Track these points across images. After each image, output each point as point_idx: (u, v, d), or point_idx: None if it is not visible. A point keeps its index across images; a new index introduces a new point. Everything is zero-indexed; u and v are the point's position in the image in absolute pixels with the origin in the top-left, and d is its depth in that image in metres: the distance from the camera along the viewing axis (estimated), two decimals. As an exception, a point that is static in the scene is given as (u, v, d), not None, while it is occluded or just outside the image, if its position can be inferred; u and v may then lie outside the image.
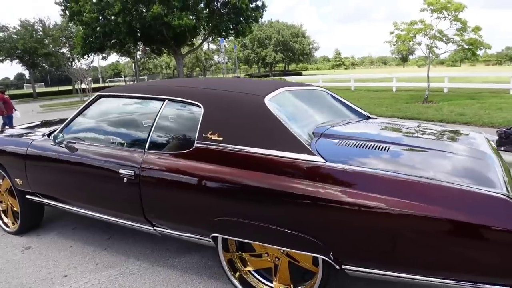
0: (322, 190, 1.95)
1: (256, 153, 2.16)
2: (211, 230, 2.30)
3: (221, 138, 2.27)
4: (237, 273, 2.43)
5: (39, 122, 4.53)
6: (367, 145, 2.33)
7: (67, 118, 3.23)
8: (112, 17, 20.57)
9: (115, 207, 2.73)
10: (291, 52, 69.38)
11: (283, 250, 2.24)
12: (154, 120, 2.58)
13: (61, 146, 2.91)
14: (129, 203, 2.59)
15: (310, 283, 2.24)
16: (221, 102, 2.43)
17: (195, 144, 2.33)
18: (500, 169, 2.15)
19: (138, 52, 36.34)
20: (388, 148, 2.29)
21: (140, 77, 47.57)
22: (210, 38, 29.77)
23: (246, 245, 2.41)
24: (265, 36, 67.76)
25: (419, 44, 12.22)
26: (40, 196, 3.24)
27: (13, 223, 3.69)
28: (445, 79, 15.36)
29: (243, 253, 2.42)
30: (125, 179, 2.51)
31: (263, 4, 27.26)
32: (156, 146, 2.55)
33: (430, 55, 12.11)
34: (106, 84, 53.48)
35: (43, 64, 37.58)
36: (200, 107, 2.41)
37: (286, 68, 75.30)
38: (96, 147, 2.82)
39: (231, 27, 25.79)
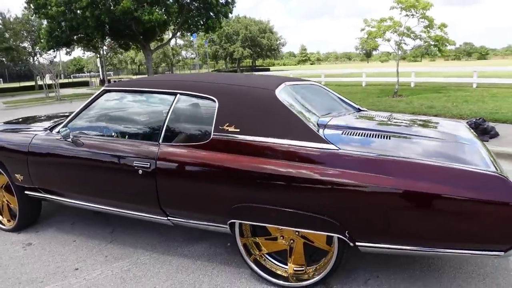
0: (337, 174, 2.13)
1: (273, 142, 2.31)
2: (229, 217, 2.43)
3: (238, 130, 2.39)
4: (252, 257, 2.57)
5: (25, 118, 4.45)
6: (369, 134, 2.56)
7: (62, 113, 3.24)
8: (79, 11, 19.88)
9: (128, 199, 2.79)
10: (259, 48, 69.77)
11: (298, 232, 2.41)
12: (167, 114, 2.66)
13: (67, 140, 2.91)
14: (143, 195, 2.66)
15: (323, 261, 2.42)
16: (235, 96, 2.55)
17: (212, 136, 2.44)
18: (485, 151, 2.45)
19: (104, 47, 35.28)
20: (389, 137, 2.53)
21: (106, 73, 46.25)
22: (179, 33, 29.36)
23: (260, 230, 2.55)
24: (233, 32, 67.64)
25: (388, 40, 12.72)
26: (42, 192, 3.22)
27: (8, 221, 3.63)
28: (412, 74, 16.07)
29: (257, 238, 2.56)
30: (140, 171, 2.58)
31: (232, -1, 27.29)
32: (170, 138, 2.63)
33: (399, 52, 12.63)
34: (70, 80, 51.56)
35: (3, 59, 35.72)
36: (214, 101, 2.51)
37: (254, 64, 75.64)
38: (106, 140, 2.86)
39: (201, 22, 25.62)
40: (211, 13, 25.64)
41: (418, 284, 2.50)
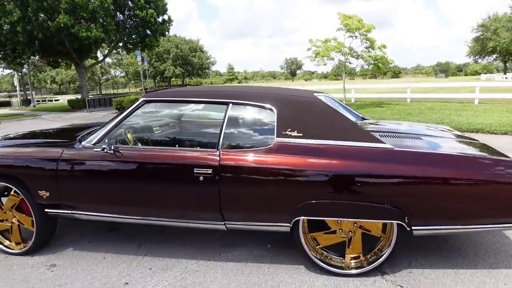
0: (397, 168, 2.47)
1: (335, 144, 2.58)
2: (294, 215, 2.61)
3: (301, 134, 2.62)
4: (312, 251, 2.76)
5: (24, 133, 4.18)
6: (401, 135, 2.97)
7: (90, 125, 3.16)
8: (7, 26, 18.38)
9: (184, 207, 2.81)
10: (190, 66, 69.81)
11: (356, 224, 2.67)
12: (223, 122, 2.78)
13: (108, 152, 2.86)
14: (204, 201, 2.72)
15: (378, 248, 2.71)
16: (291, 104, 2.79)
17: (275, 141, 2.63)
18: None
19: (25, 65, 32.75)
20: (420, 137, 2.96)
21: (27, 92, 42.63)
22: (114, 51, 28.45)
23: (316, 226, 2.77)
24: (164, 50, 66.95)
25: (332, 59, 13.75)
26: (71, 208, 3.08)
27: (17, 243, 3.35)
28: (352, 90, 17.43)
29: (315, 233, 2.77)
30: (201, 177, 2.66)
31: (169, 18, 27.32)
32: (228, 145, 2.75)
33: (343, 70, 13.70)
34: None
35: None
36: (272, 109, 2.72)
37: (183, 82, 75.19)
38: (157, 150, 2.87)
39: (139, 40, 25.18)
40: (148, 31, 25.42)
41: (451, 262, 2.89)
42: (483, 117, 9.96)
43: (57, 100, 40.87)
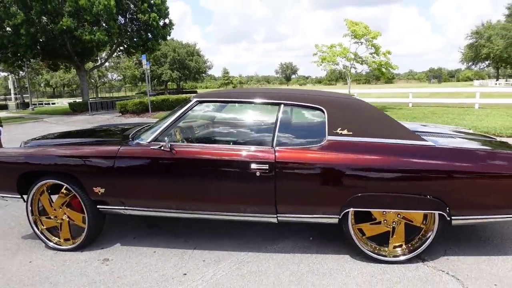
0: (441, 163, 2.71)
1: (383, 142, 2.80)
2: (344, 207, 2.81)
3: (351, 133, 2.83)
4: (356, 240, 2.97)
5: (65, 133, 4.33)
6: (438, 135, 3.20)
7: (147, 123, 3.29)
8: (9, 29, 18.42)
9: (240, 201, 2.99)
10: (187, 70, 69.94)
11: (400, 214, 2.88)
12: (276, 122, 2.98)
13: (165, 150, 3.02)
14: (260, 195, 2.90)
15: (418, 237, 2.94)
16: (340, 105, 3.01)
17: (327, 139, 2.84)
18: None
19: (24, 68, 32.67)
20: (452, 136, 3.21)
21: (21, 95, 42.47)
22: (115, 54, 28.56)
23: (361, 218, 2.97)
24: (161, 54, 67.04)
25: (337, 64, 14.04)
26: (123, 204, 3.22)
27: (66, 240, 3.47)
28: (355, 94, 17.73)
29: (361, 224, 2.97)
30: (258, 173, 2.85)
31: (170, 22, 27.52)
32: (282, 143, 2.95)
33: (348, 75, 14.00)
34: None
35: None
36: (322, 110, 2.93)
37: (179, 86, 75.23)
38: (213, 148, 3.05)
39: (141, 44, 25.34)
40: (150, 35, 25.58)
41: (482, 250, 3.14)
42: (487, 121, 10.29)
43: (54, 103, 40.74)
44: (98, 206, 3.29)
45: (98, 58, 27.72)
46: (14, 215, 4.39)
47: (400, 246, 2.96)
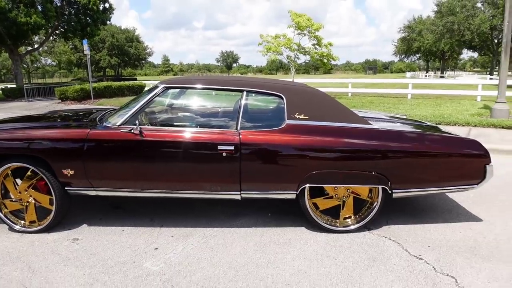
0: (383, 143, 3.17)
1: (336, 126, 3.21)
2: (300, 184, 3.19)
3: (307, 117, 3.21)
4: (312, 213, 3.37)
5: (28, 116, 4.26)
6: (380, 120, 3.69)
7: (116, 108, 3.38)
8: None
9: (207, 180, 3.24)
10: (127, 57, 67.26)
11: (349, 189, 3.32)
12: (239, 107, 3.27)
13: (134, 132, 3.17)
14: (226, 174, 3.18)
15: (365, 209, 3.40)
16: (296, 92, 3.36)
17: (286, 122, 3.19)
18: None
19: None
20: (393, 121, 3.71)
21: None
22: (51, 38, 26.79)
23: (316, 193, 3.38)
24: (99, 39, 63.64)
25: (281, 54, 14.54)
26: (92, 185, 3.33)
27: (32, 222, 3.49)
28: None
29: (316, 199, 3.37)
30: (224, 153, 3.13)
31: (110, 6, 26.39)
32: (246, 126, 3.24)
33: (292, 65, 14.57)
34: None
35: None
36: (281, 97, 3.27)
37: (118, 73, 72.15)
38: (182, 131, 3.27)
39: (80, 28, 24.05)
40: (89, 20, 24.39)
41: (418, 219, 3.71)
42: (418, 110, 11.38)
43: (-20, 89, 37.20)
44: (66, 188, 3.36)
45: (33, 42, 25.81)
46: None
47: (350, 217, 3.41)
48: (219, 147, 3.13)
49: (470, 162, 3.29)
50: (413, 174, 3.24)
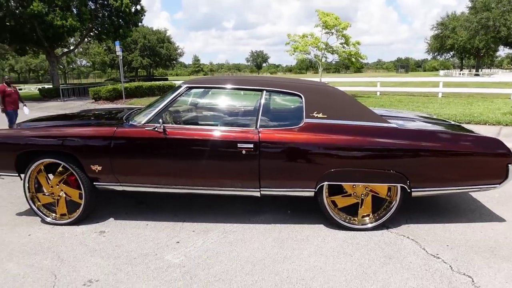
0: (402, 142, 3.15)
1: (354, 124, 3.21)
2: (319, 181, 3.22)
3: (326, 116, 3.23)
4: (331, 211, 3.40)
5: (62, 115, 4.52)
6: (400, 119, 3.65)
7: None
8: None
9: (228, 177, 3.33)
10: (158, 57, 68.87)
11: (367, 187, 3.32)
12: (259, 106, 3.34)
13: (158, 131, 3.30)
14: (245, 171, 3.27)
15: (383, 207, 3.39)
16: (315, 92, 3.39)
17: (304, 121, 3.23)
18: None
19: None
20: (413, 120, 3.67)
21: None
22: (86, 40, 27.87)
23: (335, 191, 3.40)
24: (131, 41, 65.56)
25: (309, 53, 14.49)
26: (118, 181, 3.50)
27: (62, 215, 3.71)
28: (327, 83, 18.29)
29: (334, 196, 3.40)
30: (244, 151, 3.21)
31: (142, 8, 27.11)
32: (265, 125, 3.31)
33: (320, 64, 14.48)
34: None
35: None
36: (300, 96, 3.31)
37: (150, 73, 73.96)
38: (203, 129, 3.38)
39: (113, 30, 24.89)
40: (122, 22, 25.18)
41: (438, 218, 3.64)
42: (448, 109, 11.07)
43: (21, 89, 39.23)
44: (94, 183, 3.56)
45: (68, 44, 26.94)
46: (2, 196, 4.57)
47: (368, 215, 3.41)
48: (239, 145, 3.21)
49: (492, 161, 3.21)
50: (432, 173, 3.20)
